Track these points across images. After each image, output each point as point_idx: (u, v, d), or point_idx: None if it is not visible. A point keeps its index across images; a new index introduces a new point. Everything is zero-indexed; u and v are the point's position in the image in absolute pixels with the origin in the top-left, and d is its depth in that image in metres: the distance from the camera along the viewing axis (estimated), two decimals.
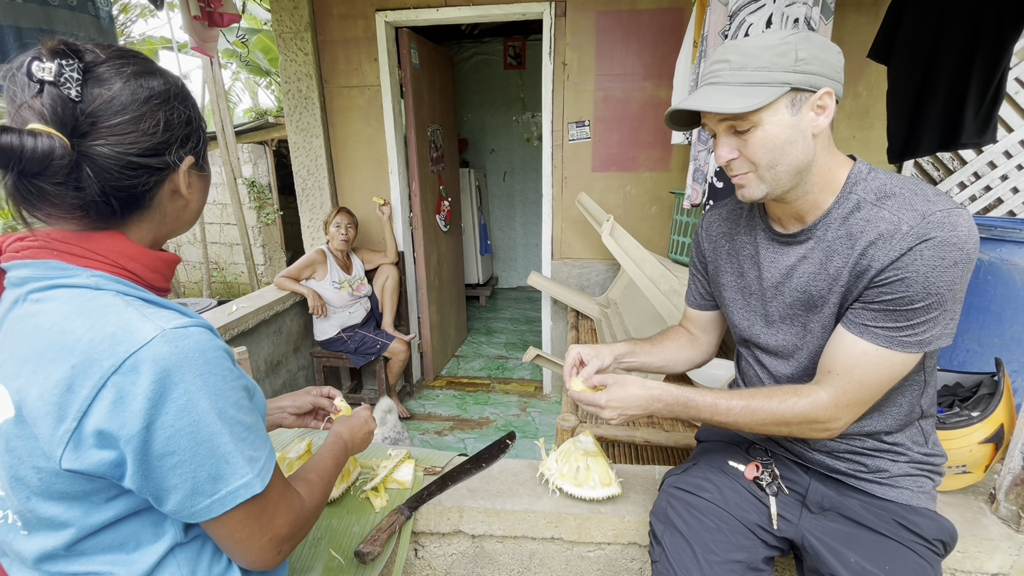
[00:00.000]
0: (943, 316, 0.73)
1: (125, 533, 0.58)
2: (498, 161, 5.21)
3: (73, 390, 0.50)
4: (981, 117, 1.73)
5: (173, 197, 0.61)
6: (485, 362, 3.70)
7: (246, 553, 0.60)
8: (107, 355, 0.50)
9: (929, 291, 0.71)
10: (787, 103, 0.74)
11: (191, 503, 0.54)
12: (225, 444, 0.54)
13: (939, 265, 0.70)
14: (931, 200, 0.73)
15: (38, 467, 0.53)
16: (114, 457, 0.52)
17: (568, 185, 2.88)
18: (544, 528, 1.11)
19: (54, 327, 0.51)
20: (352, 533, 1.07)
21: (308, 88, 2.83)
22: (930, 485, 0.88)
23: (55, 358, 0.51)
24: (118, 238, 0.57)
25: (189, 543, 0.62)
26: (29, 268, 0.55)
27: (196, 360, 0.52)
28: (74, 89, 0.50)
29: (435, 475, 1.21)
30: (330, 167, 2.99)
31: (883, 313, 0.75)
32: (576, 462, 1.16)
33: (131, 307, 0.53)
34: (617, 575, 1.15)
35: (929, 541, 0.84)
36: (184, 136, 0.59)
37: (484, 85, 4.94)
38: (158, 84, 0.57)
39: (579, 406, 1.17)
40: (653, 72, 2.63)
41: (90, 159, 0.52)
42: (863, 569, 0.82)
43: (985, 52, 1.68)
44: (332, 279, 2.69)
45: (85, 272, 0.55)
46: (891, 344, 0.75)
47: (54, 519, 0.55)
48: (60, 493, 0.54)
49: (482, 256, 4.89)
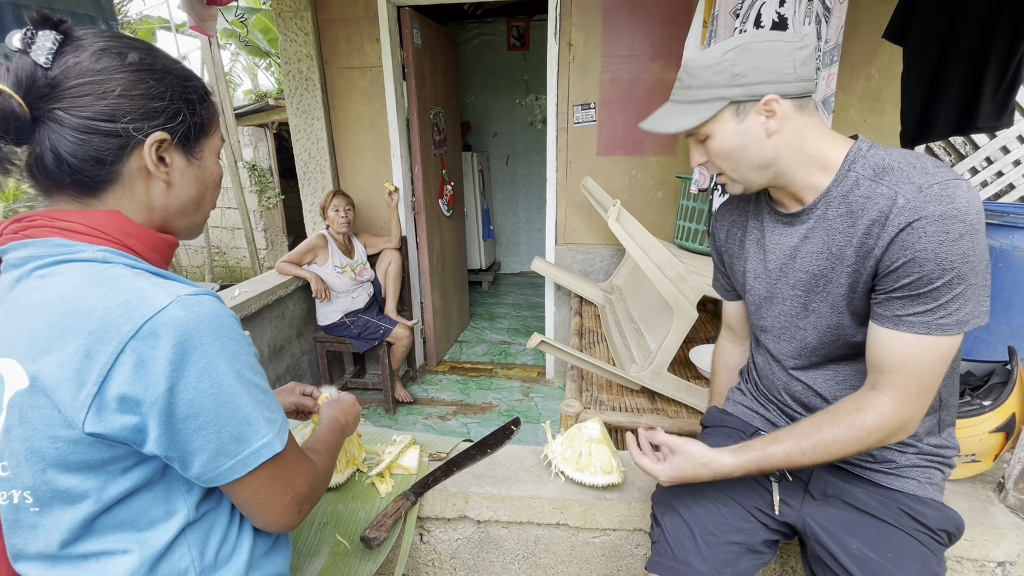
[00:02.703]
0: (971, 291, 0.70)
1: (138, 509, 0.58)
2: (501, 145, 5.15)
3: (92, 356, 0.50)
4: (999, 100, 1.69)
5: (144, 176, 0.59)
6: (488, 347, 3.70)
7: (270, 513, 0.62)
8: (124, 321, 0.51)
9: (944, 267, 0.69)
10: (731, 114, 0.78)
11: (216, 464, 0.56)
12: (245, 405, 0.56)
13: (945, 239, 0.68)
14: (929, 172, 0.71)
15: (55, 436, 0.53)
16: (136, 422, 0.52)
17: (573, 169, 2.84)
18: (550, 514, 1.11)
19: (65, 297, 0.52)
20: (358, 518, 1.07)
21: (309, 69, 2.78)
22: (939, 477, 0.86)
23: (69, 327, 0.51)
24: (116, 216, 0.58)
25: (199, 523, 0.62)
26: (30, 247, 0.55)
27: (212, 324, 0.54)
28: (44, 56, 0.52)
29: (440, 461, 1.21)
30: (331, 150, 2.95)
31: (908, 299, 0.73)
32: (580, 447, 1.15)
33: (141, 277, 0.55)
34: (622, 560, 1.15)
35: (934, 531, 0.83)
36: (150, 109, 0.57)
37: (487, 67, 4.86)
38: (133, 56, 0.56)
39: (584, 395, 1.15)
40: (661, 53, 2.58)
41: (49, 123, 0.53)
42: (865, 556, 0.81)
43: (1005, 33, 1.63)
44: (334, 263, 2.68)
45: (91, 247, 0.55)
46: (929, 329, 0.72)
47: (71, 491, 0.55)
48: (77, 463, 0.54)
49: (485, 241, 4.87)
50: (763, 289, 0.92)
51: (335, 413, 0.90)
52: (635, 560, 1.15)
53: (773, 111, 0.76)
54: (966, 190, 0.69)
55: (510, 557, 1.18)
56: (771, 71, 0.75)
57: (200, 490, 0.61)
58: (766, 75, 0.75)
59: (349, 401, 0.96)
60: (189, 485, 0.60)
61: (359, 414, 0.98)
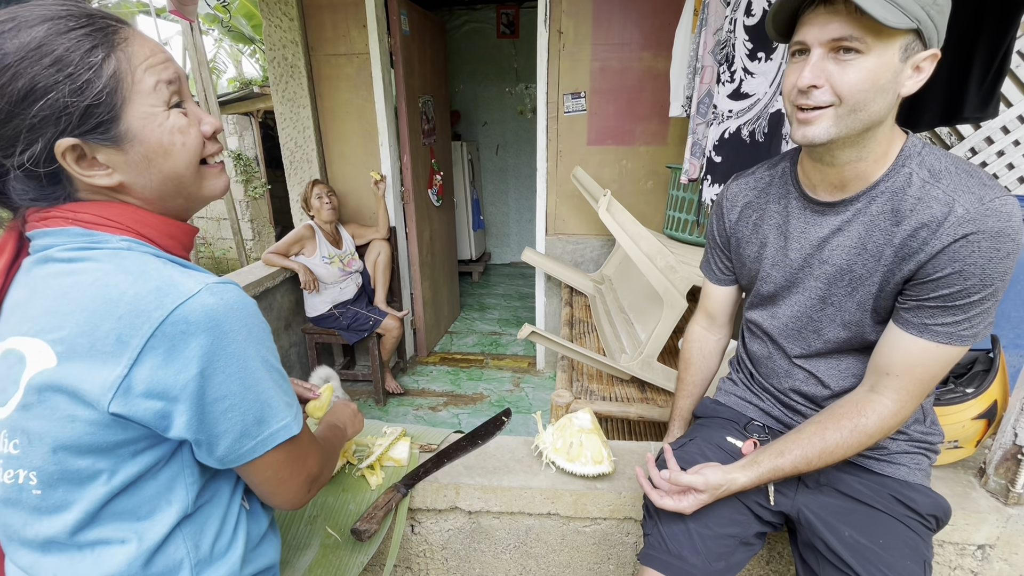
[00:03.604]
0: (994, 306, 0.72)
1: (142, 497, 0.58)
2: (491, 134, 5.11)
3: (123, 340, 0.51)
4: (985, 90, 1.70)
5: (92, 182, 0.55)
6: (478, 338, 3.70)
7: (286, 492, 0.65)
8: (155, 307, 0.51)
9: (985, 283, 0.69)
10: (902, 45, 0.66)
11: (239, 445, 0.57)
12: (268, 389, 0.58)
13: (995, 256, 0.67)
14: (986, 184, 0.69)
15: (74, 416, 0.53)
16: (161, 407, 0.53)
17: (563, 159, 2.83)
18: (540, 504, 1.11)
19: (96, 283, 0.53)
20: (348, 511, 1.07)
21: (294, 56, 2.72)
22: (926, 463, 0.88)
23: (99, 311, 0.52)
24: (127, 206, 0.58)
25: (195, 516, 0.61)
26: (51, 236, 0.56)
27: (240, 311, 0.55)
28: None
29: (431, 452, 1.20)
30: (318, 139, 2.90)
31: (941, 309, 0.73)
32: (570, 438, 1.16)
33: (169, 266, 0.56)
34: (612, 549, 1.16)
35: (923, 516, 0.85)
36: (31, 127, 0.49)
37: (476, 55, 4.80)
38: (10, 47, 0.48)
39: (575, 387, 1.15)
40: (652, 41, 2.56)
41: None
42: (857, 543, 0.83)
43: (992, 22, 1.64)
44: (322, 254, 2.65)
45: (115, 237, 0.56)
46: (951, 340, 0.73)
47: (79, 473, 0.55)
48: (90, 445, 0.54)
49: (475, 232, 4.84)
50: (781, 277, 0.89)
51: (336, 419, 0.93)
52: (625, 548, 1.16)
53: (922, 69, 0.68)
54: (1018, 207, 0.68)
55: (501, 547, 1.19)
56: (943, 23, 0.67)
57: (197, 483, 0.61)
58: (942, 23, 0.66)
59: (352, 409, 0.99)
60: (193, 476, 0.61)
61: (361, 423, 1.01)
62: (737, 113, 1.72)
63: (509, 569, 1.21)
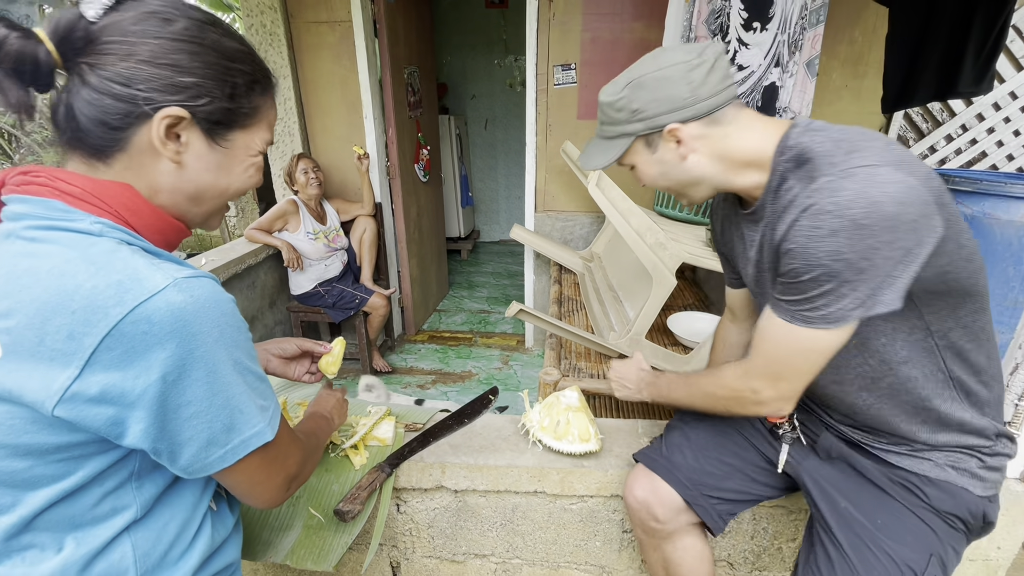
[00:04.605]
0: (847, 288, 0.66)
1: (82, 505, 0.54)
2: (479, 108, 4.99)
3: (75, 338, 0.47)
4: (980, 65, 1.68)
5: (152, 152, 0.54)
6: (467, 316, 3.68)
7: (263, 493, 0.62)
8: (113, 303, 0.47)
9: (810, 263, 0.66)
10: (643, 145, 0.81)
11: (205, 455, 0.54)
12: (240, 394, 0.54)
13: (814, 235, 0.65)
14: (835, 162, 0.67)
15: (11, 413, 0.49)
16: (113, 414, 0.49)
17: (553, 133, 2.77)
18: (527, 482, 1.11)
19: (53, 271, 0.48)
20: (332, 491, 1.05)
21: (273, 23, 2.60)
22: (974, 464, 0.79)
23: (52, 303, 0.47)
24: (125, 188, 0.54)
25: (147, 521, 0.58)
26: (29, 205, 0.52)
27: (212, 310, 0.51)
28: (93, 10, 0.51)
29: (416, 432, 1.19)
30: (300, 111, 2.81)
31: (783, 285, 0.73)
32: (558, 416, 1.15)
33: (137, 255, 0.51)
34: (599, 526, 1.16)
35: (940, 512, 0.79)
36: (175, 82, 0.52)
37: (464, 25, 4.65)
38: (180, 24, 0.53)
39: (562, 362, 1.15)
40: (644, 12, 2.49)
41: (73, 76, 0.52)
42: (851, 516, 0.83)
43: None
44: (306, 230, 2.58)
45: (88, 217, 0.52)
46: (793, 318, 0.72)
47: (13, 476, 0.51)
48: (28, 446, 0.50)
49: (463, 208, 4.77)
50: (751, 281, 0.91)
51: (319, 409, 0.91)
52: (611, 526, 1.16)
53: (679, 139, 0.77)
54: (859, 181, 0.63)
55: (488, 525, 1.18)
56: (667, 101, 0.75)
57: (152, 488, 0.58)
58: (663, 106, 0.76)
59: (336, 398, 0.97)
60: (139, 483, 0.57)
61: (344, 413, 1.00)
62: None
63: (495, 547, 1.21)
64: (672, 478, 0.96)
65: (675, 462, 0.98)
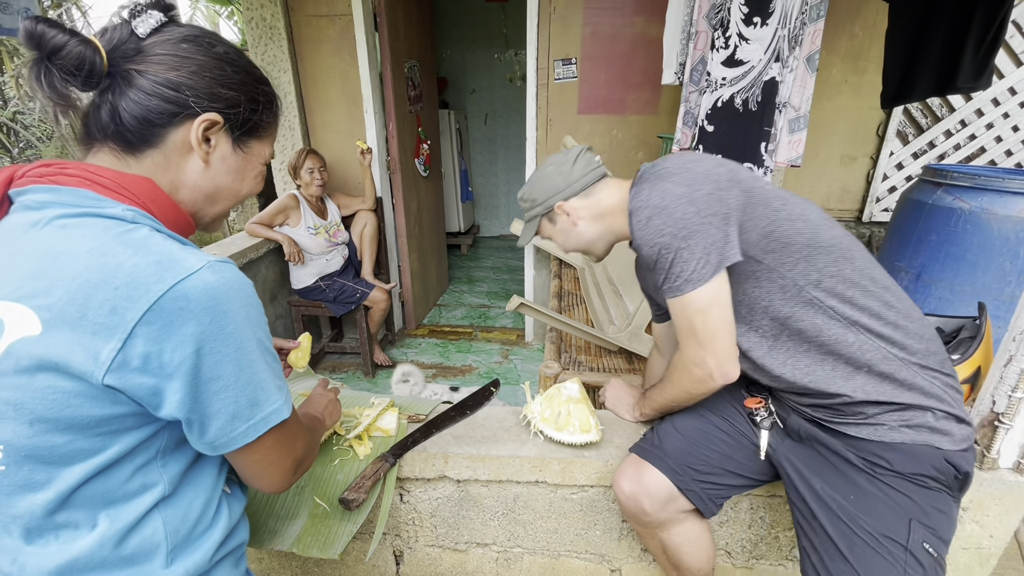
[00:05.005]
0: (684, 253, 0.84)
1: (116, 480, 0.56)
2: (479, 102, 4.98)
3: (118, 312, 0.50)
4: (979, 60, 1.68)
5: (185, 150, 0.61)
6: (467, 311, 3.69)
7: (273, 475, 0.64)
8: (154, 280, 0.51)
9: (649, 247, 0.87)
10: (547, 222, 1.09)
11: (230, 428, 0.57)
12: (262, 371, 0.58)
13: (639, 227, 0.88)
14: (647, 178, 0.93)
15: (54, 387, 0.51)
16: (153, 384, 0.52)
17: (553, 128, 2.77)
18: (528, 472, 1.12)
19: (92, 251, 0.52)
20: (336, 481, 1.07)
21: (273, 16, 2.60)
22: (926, 418, 0.82)
23: (94, 280, 0.51)
24: (149, 182, 0.59)
25: (174, 499, 0.60)
26: (56, 193, 0.55)
27: (240, 292, 0.56)
28: (144, 28, 0.58)
29: (419, 423, 1.20)
30: (300, 106, 2.81)
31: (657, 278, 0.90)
32: (559, 407, 1.16)
33: (169, 240, 0.55)
34: (599, 515, 1.18)
35: (903, 474, 0.82)
36: (215, 92, 0.60)
37: (464, 19, 4.64)
38: (219, 48, 0.62)
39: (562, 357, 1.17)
40: (644, 6, 2.49)
41: (120, 79, 0.57)
42: (829, 496, 0.86)
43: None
44: (307, 224, 2.59)
45: (119, 205, 0.56)
46: (675, 293, 0.87)
47: (52, 451, 0.53)
48: (70, 420, 0.52)
49: (463, 203, 4.78)
50: None
51: (309, 409, 0.94)
52: (611, 515, 1.18)
53: (566, 211, 1.04)
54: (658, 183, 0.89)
55: (489, 514, 1.20)
56: (551, 189, 1.04)
57: (175, 467, 0.60)
58: (549, 192, 1.04)
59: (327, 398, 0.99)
60: (165, 460, 0.59)
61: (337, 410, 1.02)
62: (731, 81, 1.68)
63: (497, 536, 1.23)
64: (663, 465, 0.99)
65: (666, 449, 1.01)
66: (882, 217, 2.81)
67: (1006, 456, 1.07)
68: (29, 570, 0.55)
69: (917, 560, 0.79)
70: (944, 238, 2.01)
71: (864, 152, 2.73)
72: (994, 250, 1.90)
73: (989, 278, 1.94)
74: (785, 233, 0.86)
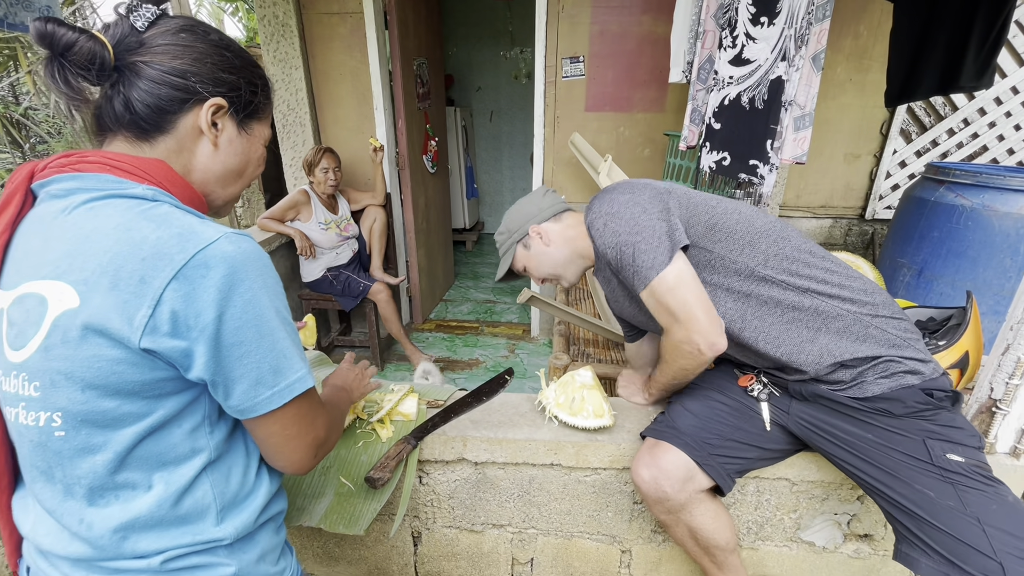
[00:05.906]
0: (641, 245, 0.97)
1: (166, 444, 0.60)
2: (485, 100, 5.02)
3: (146, 281, 0.54)
4: (981, 59, 1.72)
5: (196, 135, 0.65)
6: (473, 306, 3.73)
7: (293, 451, 0.66)
8: (177, 250, 0.54)
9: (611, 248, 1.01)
10: (522, 249, 1.23)
11: (254, 394, 0.59)
12: (283, 339, 0.61)
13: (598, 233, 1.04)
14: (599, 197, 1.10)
15: (98, 355, 0.55)
16: (184, 346, 0.56)
17: (560, 125, 2.81)
18: (544, 455, 1.17)
19: (119, 227, 0.55)
20: (360, 462, 1.11)
21: (285, 14, 2.64)
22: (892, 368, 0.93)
23: (123, 253, 0.54)
24: (164, 164, 0.63)
25: (219, 463, 0.64)
26: (78, 180, 0.59)
27: (257, 261, 0.59)
28: (141, 22, 0.61)
29: (438, 408, 1.25)
30: (311, 102, 2.85)
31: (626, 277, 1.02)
32: (572, 393, 1.20)
33: (189, 215, 0.59)
34: (611, 497, 1.23)
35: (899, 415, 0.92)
36: (218, 78, 0.64)
37: (471, 16, 4.67)
38: (214, 36, 0.65)
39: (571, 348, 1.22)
40: (652, 5, 2.52)
41: (128, 71, 0.61)
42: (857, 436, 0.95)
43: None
44: (318, 219, 2.63)
45: (140, 186, 0.60)
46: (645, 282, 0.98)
47: (105, 415, 0.57)
48: (117, 385, 0.56)
49: (468, 200, 4.81)
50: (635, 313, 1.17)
51: (336, 381, 0.97)
52: (623, 497, 1.22)
53: (540, 233, 1.19)
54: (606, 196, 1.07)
55: (505, 496, 1.25)
56: (525, 216, 1.21)
57: (219, 434, 0.64)
58: (524, 219, 1.21)
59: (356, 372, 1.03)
60: (211, 427, 0.63)
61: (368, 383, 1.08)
62: (738, 79, 1.72)
63: (512, 517, 1.27)
64: (679, 442, 1.04)
65: (680, 427, 1.06)
66: (885, 214, 2.85)
67: (1003, 441, 1.11)
68: (96, 528, 0.59)
69: (950, 471, 0.88)
70: (946, 235, 2.05)
71: (868, 150, 2.77)
72: (995, 246, 1.94)
73: (990, 274, 1.98)
74: (726, 224, 1.01)
